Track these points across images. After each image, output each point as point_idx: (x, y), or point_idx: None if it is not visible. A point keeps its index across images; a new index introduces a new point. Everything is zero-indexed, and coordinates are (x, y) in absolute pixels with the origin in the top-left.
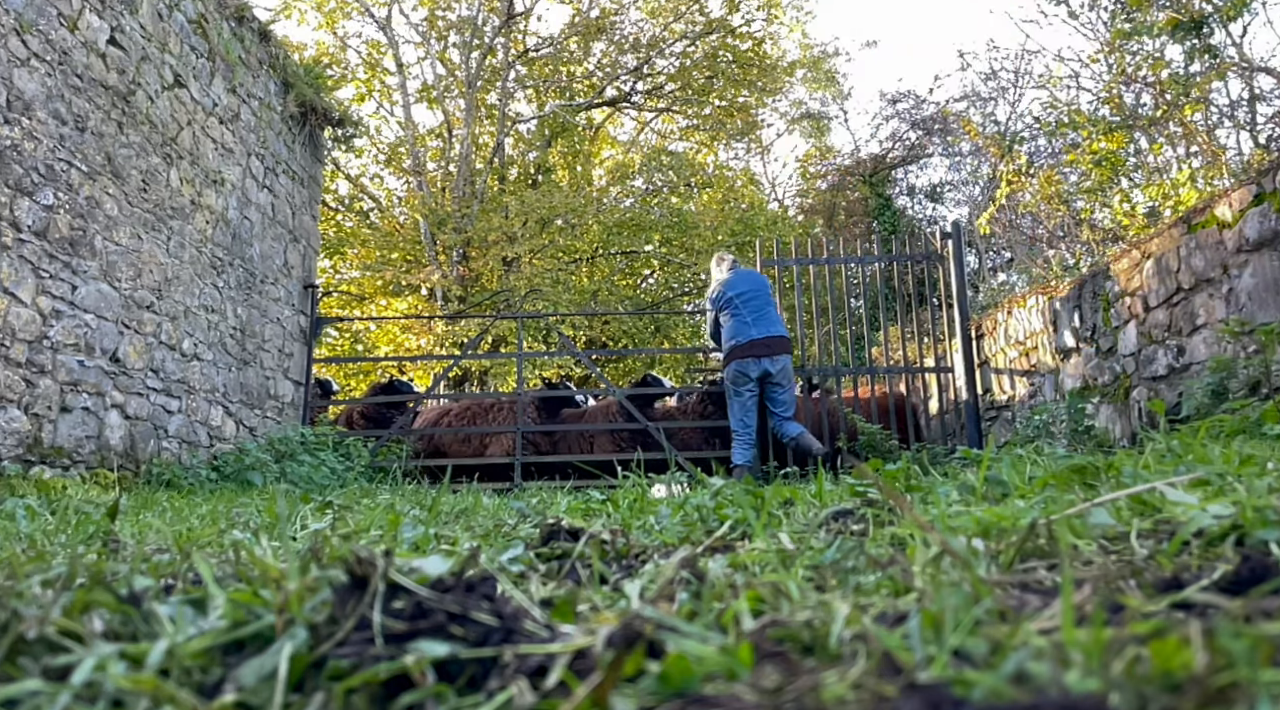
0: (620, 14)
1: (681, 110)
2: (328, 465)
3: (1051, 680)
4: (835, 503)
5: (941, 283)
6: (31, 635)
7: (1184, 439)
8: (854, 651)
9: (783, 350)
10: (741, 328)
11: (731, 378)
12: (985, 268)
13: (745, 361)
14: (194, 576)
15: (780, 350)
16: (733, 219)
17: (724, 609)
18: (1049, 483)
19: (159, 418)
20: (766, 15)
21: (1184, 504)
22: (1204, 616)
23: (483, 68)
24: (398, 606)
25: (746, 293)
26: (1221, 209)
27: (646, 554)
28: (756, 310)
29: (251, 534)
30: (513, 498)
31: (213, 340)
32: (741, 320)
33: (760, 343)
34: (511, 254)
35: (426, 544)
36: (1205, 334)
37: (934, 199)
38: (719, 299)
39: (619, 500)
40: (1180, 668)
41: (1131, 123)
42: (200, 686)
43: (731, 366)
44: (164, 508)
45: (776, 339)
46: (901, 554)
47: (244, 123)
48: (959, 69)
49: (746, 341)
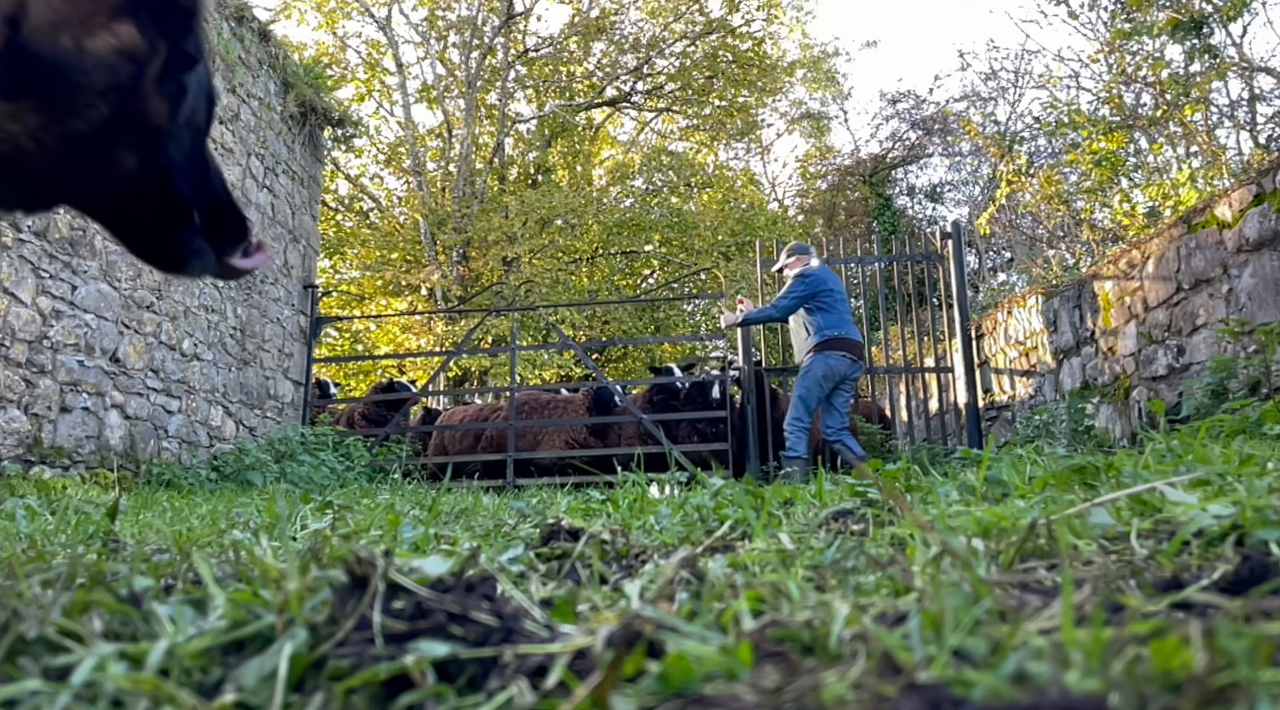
0: (620, 14)
1: (681, 110)
2: (328, 465)
3: (1051, 680)
4: (835, 503)
5: (941, 283)
6: (31, 635)
7: (1184, 439)
8: (854, 651)
9: (863, 359)
10: (840, 323)
11: (822, 370)
12: (985, 268)
13: (842, 359)
14: (194, 576)
15: (862, 358)
16: (733, 219)
17: (724, 609)
18: (1049, 483)
19: (159, 418)
20: (766, 15)
21: (1184, 504)
22: (1204, 616)
23: (483, 68)
24: (398, 606)
25: (839, 292)
26: (1221, 209)
27: (646, 554)
28: (847, 311)
29: (251, 534)
30: (513, 498)
31: (212, 340)
32: (839, 316)
33: (858, 346)
34: (511, 254)
35: (426, 544)
36: (1205, 334)
37: (934, 199)
38: (817, 283)
39: (619, 500)
40: (1180, 668)
41: (1131, 123)
42: (200, 686)
43: (824, 358)
44: (164, 508)
45: (862, 346)
46: (901, 554)
47: (244, 123)
48: (959, 69)
49: (847, 339)
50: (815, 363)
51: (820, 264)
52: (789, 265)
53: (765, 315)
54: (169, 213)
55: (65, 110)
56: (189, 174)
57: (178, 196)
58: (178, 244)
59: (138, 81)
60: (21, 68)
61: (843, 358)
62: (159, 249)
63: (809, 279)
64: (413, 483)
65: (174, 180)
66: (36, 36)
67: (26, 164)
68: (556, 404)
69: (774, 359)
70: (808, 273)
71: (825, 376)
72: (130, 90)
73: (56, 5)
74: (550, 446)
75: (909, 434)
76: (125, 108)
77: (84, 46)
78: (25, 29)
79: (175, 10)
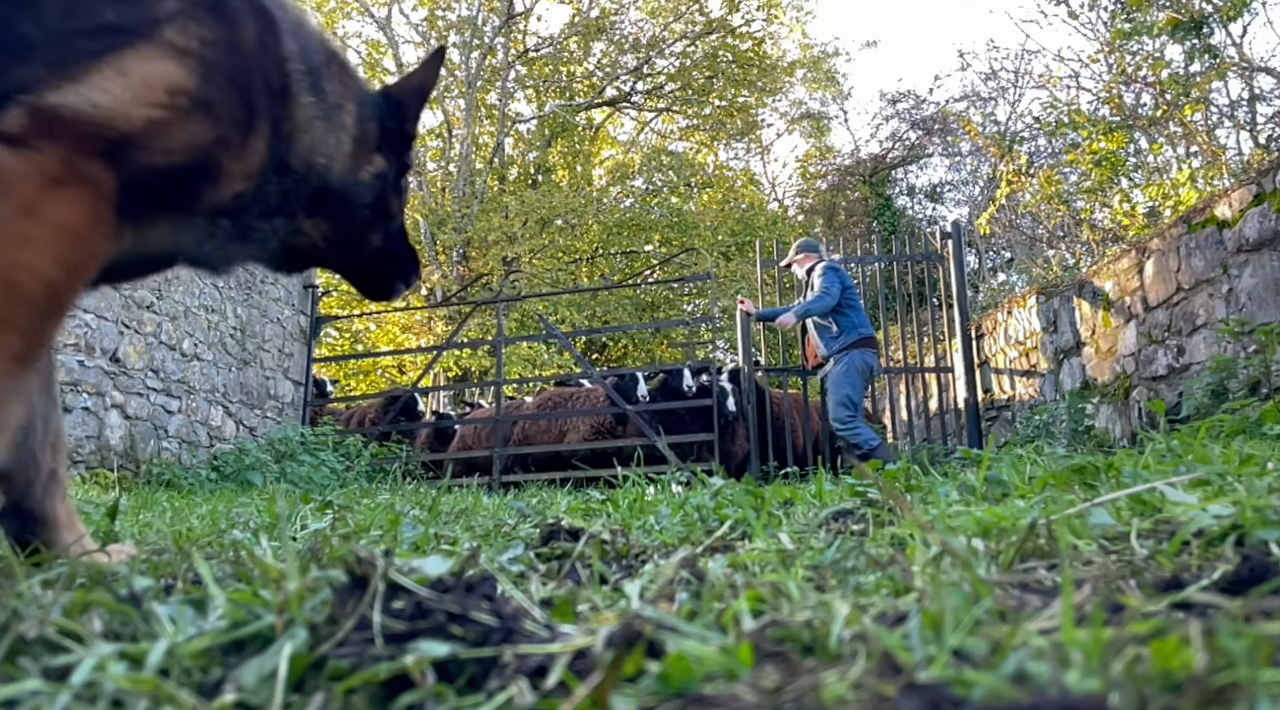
0: (620, 14)
1: (681, 110)
2: (328, 465)
3: (1051, 680)
4: (835, 503)
5: (941, 283)
6: (31, 635)
7: (1184, 439)
8: (854, 651)
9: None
10: (865, 321)
11: (859, 366)
12: (985, 268)
13: (875, 356)
14: (194, 576)
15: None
16: (733, 219)
17: (724, 609)
18: (1049, 483)
19: (159, 418)
20: (766, 15)
21: (1184, 504)
22: (1204, 616)
23: (483, 68)
24: (398, 606)
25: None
26: (1221, 209)
27: (646, 554)
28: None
29: (251, 534)
30: (514, 497)
31: (213, 340)
32: (862, 313)
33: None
34: (511, 254)
35: (426, 544)
36: (1205, 334)
37: (934, 199)
38: (846, 277)
39: (619, 500)
40: (1180, 668)
41: (1131, 123)
42: (200, 686)
43: (861, 354)
44: (164, 508)
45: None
46: (901, 554)
47: None
48: (959, 69)
49: (872, 337)
50: (855, 359)
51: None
52: (798, 261)
53: (822, 305)
54: (387, 265)
55: (344, 218)
56: (399, 238)
57: (393, 254)
58: (388, 283)
59: (384, 191)
60: (320, 195)
61: (875, 355)
62: (375, 287)
63: (841, 272)
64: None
65: (392, 245)
66: (330, 177)
67: (317, 253)
68: (579, 396)
69: (774, 359)
70: (836, 266)
71: (863, 374)
72: (380, 197)
73: (345, 154)
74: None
75: (909, 434)
76: (377, 209)
77: (358, 177)
78: (329, 175)
79: (404, 139)
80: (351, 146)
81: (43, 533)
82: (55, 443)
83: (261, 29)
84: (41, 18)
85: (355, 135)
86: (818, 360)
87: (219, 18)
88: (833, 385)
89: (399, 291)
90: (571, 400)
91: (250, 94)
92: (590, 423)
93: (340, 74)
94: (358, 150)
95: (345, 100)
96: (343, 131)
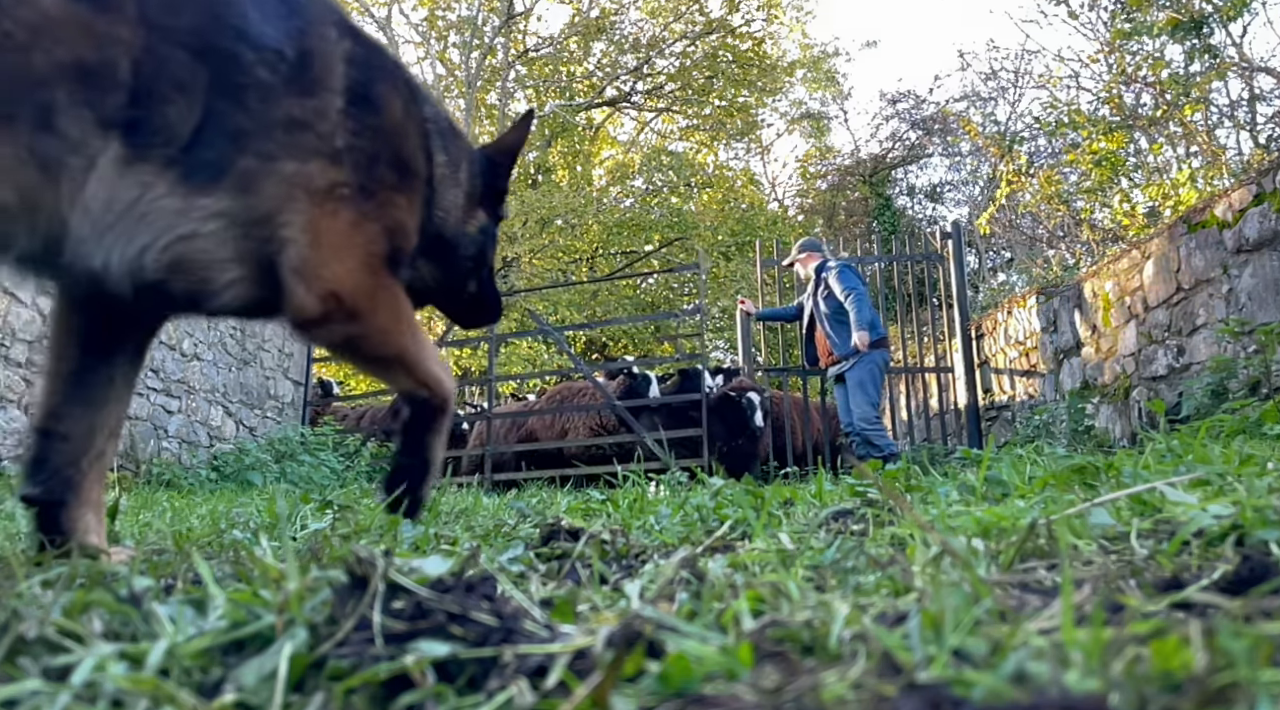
0: (620, 14)
1: (681, 110)
2: (328, 465)
3: (1051, 680)
4: (835, 503)
5: (941, 283)
6: (31, 635)
7: (1184, 439)
8: (854, 651)
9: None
10: (879, 320)
11: (882, 365)
12: (985, 268)
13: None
14: (194, 576)
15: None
16: (733, 219)
17: (724, 609)
18: (1049, 483)
19: (159, 418)
20: (766, 15)
21: (1184, 504)
22: (1204, 616)
23: (483, 68)
24: (398, 606)
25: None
26: (1221, 209)
27: (646, 554)
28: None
29: (251, 534)
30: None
31: (212, 340)
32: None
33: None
34: (511, 254)
35: (426, 544)
36: (1205, 334)
37: (934, 199)
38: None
39: (619, 500)
40: (1180, 668)
41: (1131, 123)
42: (200, 686)
43: (883, 354)
44: (164, 508)
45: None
46: (901, 554)
47: None
48: (959, 69)
49: (886, 336)
50: (877, 359)
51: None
52: (800, 261)
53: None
54: (478, 308)
55: (451, 263)
56: (489, 283)
57: (484, 299)
58: (478, 318)
59: (484, 242)
60: (435, 242)
61: (889, 354)
62: (468, 320)
63: (856, 270)
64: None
65: (484, 290)
66: (444, 227)
67: (427, 292)
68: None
69: (774, 359)
70: (850, 265)
71: (883, 373)
72: (481, 247)
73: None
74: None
75: (909, 434)
76: (477, 257)
77: (465, 229)
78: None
79: (499, 195)
80: (464, 201)
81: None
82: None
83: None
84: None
85: (467, 191)
86: (832, 359)
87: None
88: (857, 386)
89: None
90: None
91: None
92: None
93: (454, 133)
94: (468, 205)
95: (462, 159)
96: (459, 187)
